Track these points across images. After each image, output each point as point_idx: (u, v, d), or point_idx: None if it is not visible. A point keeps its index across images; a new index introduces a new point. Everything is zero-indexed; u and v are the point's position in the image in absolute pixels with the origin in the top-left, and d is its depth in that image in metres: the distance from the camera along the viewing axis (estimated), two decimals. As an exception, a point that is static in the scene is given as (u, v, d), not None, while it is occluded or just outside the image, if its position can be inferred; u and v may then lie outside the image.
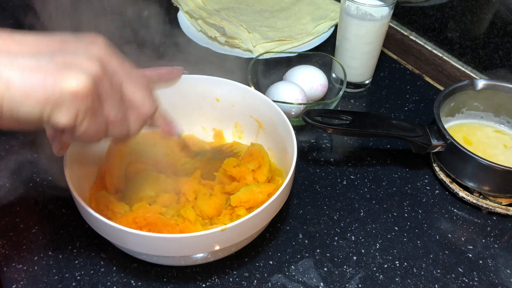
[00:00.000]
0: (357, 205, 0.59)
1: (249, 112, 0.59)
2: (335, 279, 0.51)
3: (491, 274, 0.52)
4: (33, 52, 0.31)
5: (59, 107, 0.30)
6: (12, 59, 0.30)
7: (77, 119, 0.31)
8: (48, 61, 0.31)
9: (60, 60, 0.31)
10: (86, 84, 0.31)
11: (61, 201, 0.56)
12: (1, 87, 0.29)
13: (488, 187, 0.57)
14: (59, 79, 0.30)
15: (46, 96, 0.30)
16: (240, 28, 0.82)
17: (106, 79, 0.33)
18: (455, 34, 0.76)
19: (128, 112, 0.36)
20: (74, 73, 0.30)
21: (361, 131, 0.58)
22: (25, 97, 0.29)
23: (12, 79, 0.29)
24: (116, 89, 0.34)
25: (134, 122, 0.37)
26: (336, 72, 0.75)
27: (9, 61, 0.30)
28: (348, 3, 0.67)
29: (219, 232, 0.41)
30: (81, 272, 0.50)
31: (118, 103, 0.34)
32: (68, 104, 0.30)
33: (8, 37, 0.31)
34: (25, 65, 0.30)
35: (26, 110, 0.30)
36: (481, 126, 0.67)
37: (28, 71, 0.30)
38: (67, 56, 0.31)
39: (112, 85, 0.34)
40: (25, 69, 0.30)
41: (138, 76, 0.37)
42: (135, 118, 0.36)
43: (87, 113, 0.32)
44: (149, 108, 0.37)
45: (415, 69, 0.83)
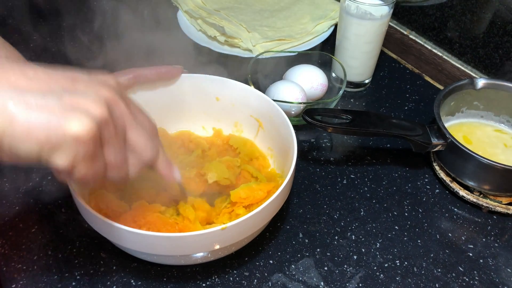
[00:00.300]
0: (357, 204, 0.59)
1: (249, 111, 0.59)
2: (335, 278, 0.50)
3: (492, 273, 0.52)
4: (42, 89, 0.31)
5: (58, 149, 0.30)
6: (20, 95, 0.30)
7: (74, 163, 0.31)
8: (55, 100, 0.30)
9: (67, 100, 0.31)
10: (89, 129, 0.30)
11: (61, 200, 0.56)
12: (5, 122, 0.29)
13: (488, 186, 0.57)
14: (62, 120, 0.30)
15: (47, 136, 0.29)
16: (240, 27, 0.82)
17: (111, 123, 0.32)
18: (455, 33, 0.76)
19: (128, 156, 0.36)
20: (79, 116, 0.30)
21: (361, 130, 0.58)
22: (26, 135, 0.29)
23: (17, 115, 0.29)
24: (119, 134, 0.34)
25: (133, 166, 0.36)
26: (336, 72, 0.75)
27: (16, 97, 0.29)
28: (348, 2, 0.67)
29: (219, 231, 0.41)
30: (80, 271, 0.50)
31: (119, 148, 0.34)
32: (67, 147, 0.30)
33: (19, 72, 0.31)
34: (31, 103, 0.29)
35: (25, 148, 0.30)
36: (481, 125, 0.67)
37: (34, 109, 0.29)
38: (75, 97, 0.31)
39: (116, 129, 0.33)
40: (31, 107, 0.29)
41: (143, 121, 0.37)
42: (135, 162, 0.36)
43: (86, 158, 0.31)
44: (150, 154, 0.37)
45: (415, 68, 0.83)
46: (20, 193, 0.57)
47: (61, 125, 0.29)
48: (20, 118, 0.29)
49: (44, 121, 0.29)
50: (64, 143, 0.30)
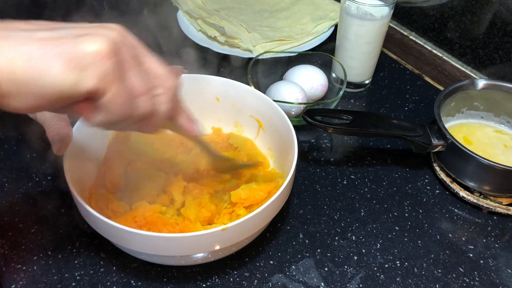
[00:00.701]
0: (357, 205, 0.59)
1: (249, 111, 0.59)
2: (335, 279, 0.50)
3: (492, 274, 0.52)
4: (49, 28, 0.30)
5: (83, 70, 0.29)
6: (29, 33, 0.29)
7: (104, 81, 0.29)
8: (65, 33, 0.30)
9: (77, 31, 0.30)
10: (108, 46, 0.29)
11: (60, 200, 0.55)
12: (22, 59, 0.28)
13: (488, 187, 0.57)
14: (78, 43, 0.29)
15: (68, 61, 0.28)
16: (240, 27, 0.82)
17: (126, 48, 0.31)
18: (455, 34, 0.76)
19: (154, 86, 0.34)
20: (94, 37, 0.29)
21: (361, 130, 0.58)
22: (48, 66, 0.28)
23: (31, 50, 0.28)
24: (137, 60, 0.32)
25: (161, 97, 0.34)
26: (336, 72, 0.75)
27: (25, 35, 0.29)
28: (348, 3, 0.67)
29: (220, 231, 0.41)
30: (80, 272, 0.50)
31: (141, 74, 0.32)
32: (92, 65, 0.29)
33: (21, 21, 0.30)
34: (42, 37, 0.29)
35: (50, 80, 0.28)
36: (481, 126, 0.67)
37: (46, 41, 0.29)
38: (84, 29, 0.30)
39: (133, 55, 0.32)
40: (43, 40, 0.29)
41: (155, 55, 0.35)
42: (162, 93, 0.34)
43: (116, 75, 0.30)
44: (174, 82, 0.35)
45: (415, 69, 0.83)
46: (20, 193, 0.57)
47: (77, 47, 0.29)
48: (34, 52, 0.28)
49: (59, 49, 0.28)
50: (87, 63, 0.29)
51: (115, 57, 0.30)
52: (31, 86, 0.28)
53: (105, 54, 0.29)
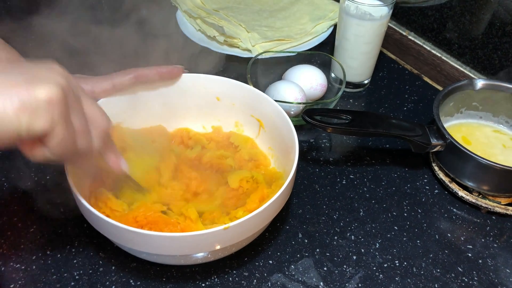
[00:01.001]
0: (356, 205, 0.59)
1: (249, 111, 0.59)
2: (335, 278, 0.50)
3: (491, 274, 0.52)
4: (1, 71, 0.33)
5: (35, 114, 0.31)
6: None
7: (53, 124, 0.32)
8: (16, 76, 0.32)
9: (26, 75, 0.33)
10: (58, 92, 0.32)
11: (59, 200, 0.55)
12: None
13: (487, 187, 0.57)
14: (31, 89, 0.31)
15: (22, 105, 0.31)
16: (239, 27, 0.82)
17: (70, 92, 0.34)
18: (454, 34, 0.76)
19: (89, 126, 0.37)
20: (45, 83, 0.32)
21: (360, 130, 0.58)
22: (2, 109, 0.30)
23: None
24: (78, 102, 0.36)
25: (95, 136, 0.38)
26: (335, 72, 0.75)
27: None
28: (348, 3, 0.67)
29: (221, 231, 0.41)
30: (79, 271, 0.50)
31: (81, 115, 0.36)
32: (44, 110, 0.32)
33: None
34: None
35: (4, 122, 0.31)
36: (480, 126, 0.67)
37: (2, 85, 0.31)
38: (32, 72, 0.33)
39: (75, 98, 0.35)
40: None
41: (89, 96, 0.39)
42: (96, 132, 0.38)
43: (61, 119, 0.33)
44: (107, 123, 0.39)
45: (413, 69, 0.83)
46: (19, 192, 0.57)
47: (32, 93, 0.31)
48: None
49: (14, 93, 0.31)
50: (39, 108, 0.31)
51: (62, 102, 0.33)
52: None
53: (55, 100, 0.32)
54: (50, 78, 0.33)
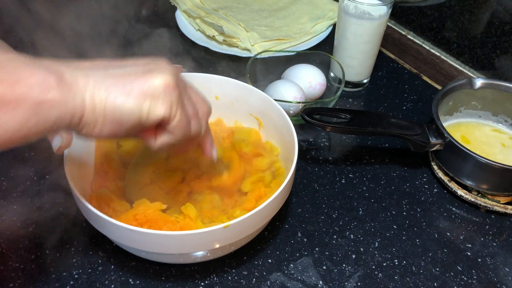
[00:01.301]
0: (355, 204, 0.59)
1: (248, 110, 0.59)
2: (334, 277, 0.50)
3: (490, 272, 0.52)
4: (117, 66, 0.35)
5: (155, 100, 0.34)
6: (102, 70, 0.34)
7: (172, 109, 0.35)
8: (131, 69, 0.35)
9: (140, 68, 0.35)
10: (172, 79, 0.35)
11: (58, 199, 0.55)
12: (103, 93, 0.32)
13: (486, 186, 0.57)
14: (149, 78, 0.34)
15: (142, 93, 0.34)
16: (238, 27, 0.82)
17: (180, 80, 0.37)
18: (453, 33, 0.76)
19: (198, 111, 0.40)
20: (159, 72, 0.35)
21: (360, 129, 0.58)
22: (125, 97, 0.33)
23: (109, 85, 0.33)
24: (186, 89, 0.39)
25: (203, 120, 0.41)
26: (335, 71, 0.75)
27: (102, 73, 0.33)
28: (347, 2, 0.67)
29: (221, 229, 0.41)
30: (78, 270, 0.49)
31: (190, 101, 0.39)
32: (163, 96, 0.34)
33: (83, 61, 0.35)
34: (115, 73, 0.34)
35: (127, 109, 0.33)
36: (479, 125, 0.67)
37: (120, 77, 0.34)
38: (143, 66, 0.36)
39: (183, 85, 0.38)
40: (117, 76, 0.34)
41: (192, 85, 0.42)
42: (202, 115, 0.41)
43: (179, 103, 0.36)
44: (209, 107, 0.42)
45: (413, 68, 0.83)
46: (18, 192, 0.57)
47: (150, 82, 0.34)
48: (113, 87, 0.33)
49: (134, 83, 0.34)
50: (158, 94, 0.34)
51: (177, 88, 0.36)
52: (109, 114, 0.33)
53: (171, 86, 0.35)
54: (162, 69, 0.35)
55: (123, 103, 0.33)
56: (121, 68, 0.35)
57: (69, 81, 0.31)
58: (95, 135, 0.34)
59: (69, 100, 0.31)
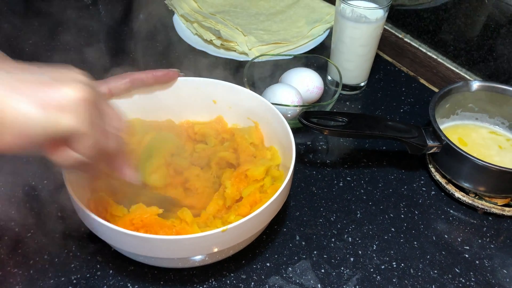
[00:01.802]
0: (353, 207, 0.59)
1: (246, 114, 0.59)
2: (332, 280, 0.50)
3: (488, 274, 0.52)
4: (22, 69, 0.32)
5: (63, 112, 0.31)
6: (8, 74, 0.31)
7: (83, 123, 0.32)
8: (40, 76, 0.32)
9: (51, 75, 0.33)
10: (85, 91, 0.32)
11: (57, 204, 0.55)
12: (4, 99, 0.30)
13: (483, 188, 0.58)
14: (59, 87, 0.31)
15: (52, 103, 0.31)
16: (236, 31, 0.83)
17: (92, 91, 0.34)
18: (449, 36, 0.76)
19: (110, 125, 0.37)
20: (71, 82, 0.32)
21: (357, 132, 0.58)
22: (32, 106, 0.30)
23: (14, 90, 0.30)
24: (98, 102, 0.36)
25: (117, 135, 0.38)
26: (332, 75, 0.76)
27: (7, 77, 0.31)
28: (343, 6, 0.68)
29: (219, 233, 0.41)
30: (77, 275, 0.49)
31: (102, 114, 0.36)
32: (71, 108, 0.32)
33: None
34: (23, 79, 0.31)
35: (32, 119, 0.30)
36: (476, 127, 0.67)
37: (29, 83, 0.31)
38: (56, 73, 0.33)
39: (96, 97, 0.35)
40: (25, 82, 0.31)
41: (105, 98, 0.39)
42: (117, 131, 0.38)
43: (88, 117, 0.33)
44: (123, 120, 0.39)
45: (410, 71, 0.83)
46: (16, 197, 0.57)
47: (59, 92, 0.31)
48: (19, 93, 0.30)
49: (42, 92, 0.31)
50: (67, 106, 0.31)
51: (90, 101, 0.33)
52: (14, 125, 0.30)
53: (84, 99, 0.32)
54: (75, 78, 0.33)
55: (28, 112, 0.30)
56: (31, 74, 0.32)
57: None
58: (1, 147, 0.31)
59: None
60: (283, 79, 0.71)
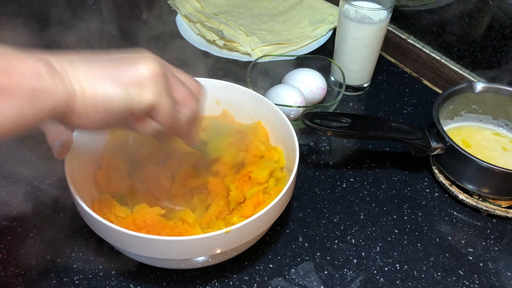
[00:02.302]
0: (357, 208, 0.59)
1: (249, 114, 0.59)
2: (335, 282, 0.50)
3: (492, 277, 0.52)
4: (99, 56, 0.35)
5: (143, 88, 0.35)
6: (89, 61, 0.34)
7: (160, 96, 0.35)
8: (117, 59, 0.35)
9: (126, 58, 0.36)
10: (158, 67, 0.36)
11: (59, 205, 0.55)
12: (91, 83, 0.33)
13: (487, 190, 0.57)
14: (135, 67, 0.35)
15: (130, 81, 0.34)
16: (239, 31, 0.82)
17: (166, 67, 0.37)
18: (453, 37, 0.76)
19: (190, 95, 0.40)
20: (144, 61, 0.35)
21: (360, 133, 0.58)
22: (114, 86, 0.33)
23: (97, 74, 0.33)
24: (174, 75, 0.39)
25: (196, 102, 0.41)
26: (335, 76, 0.75)
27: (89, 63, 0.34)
28: (347, 7, 0.67)
29: (222, 234, 0.41)
30: (79, 276, 0.49)
31: (182, 84, 0.39)
32: (149, 83, 0.35)
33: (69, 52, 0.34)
34: (102, 63, 0.34)
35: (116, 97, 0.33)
36: (480, 129, 0.67)
37: (107, 66, 0.34)
38: (129, 55, 0.36)
39: (170, 71, 0.39)
40: (104, 66, 0.34)
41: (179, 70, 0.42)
42: (197, 94, 0.41)
43: (165, 90, 0.36)
44: (201, 88, 0.43)
45: (413, 72, 0.83)
46: (19, 197, 0.57)
47: (136, 70, 0.35)
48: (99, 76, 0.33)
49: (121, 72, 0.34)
50: (145, 82, 0.35)
51: (164, 75, 0.36)
52: (102, 104, 0.33)
53: (158, 74, 0.35)
54: (147, 57, 0.36)
55: (112, 92, 0.33)
56: (107, 59, 0.35)
57: (59, 71, 0.32)
58: (88, 125, 0.34)
59: (61, 89, 0.31)
60: (286, 80, 0.71)
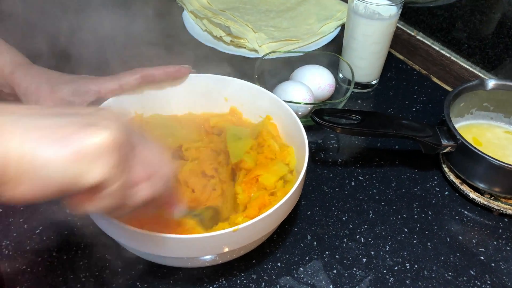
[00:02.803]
0: (365, 207, 0.58)
1: (257, 111, 0.58)
2: (344, 281, 0.50)
3: (504, 277, 0.51)
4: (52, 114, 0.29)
5: (93, 160, 0.28)
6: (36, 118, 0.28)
7: (112, 173, 0.29)
8: (71, 120, 0.29)
9: (82, 119, 0.29)
10: (117, 137, 0.29)
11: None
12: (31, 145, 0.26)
13: (499, 188, 0.56)
14: (86, 135, 0.28)
15: (79, 150, 0.27)
16: (246, 27, 0.82)
17: (127, 138, 0.30)
18: (463, 34, 0.75)
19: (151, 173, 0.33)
20: (102, 127, 0.29)
21: (370, 130, 0.57)
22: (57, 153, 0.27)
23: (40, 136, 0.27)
24: (135, 149, 0.32)
25: (157, 183, 0.34)
26: (343, 72, 0.74)
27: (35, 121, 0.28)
28: (356, 2, 0.66)
29: (230, 233, 0.40)
30: (85, 273, 0.49)
31: (144, 161, 0.33)
32: (102, 156, 0.28)
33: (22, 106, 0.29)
34: (50, 123, 0.28)
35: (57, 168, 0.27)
36: (491, 127, 0.66)
37: (56, 128, 0.28)
38: (87, 116, 0.30)
39: (132, 144, 0.32)
40: (52, 127, 0.28)
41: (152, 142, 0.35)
42: (158, 179, 0.34)
43: (119, 167, 0.29)
44: (170, 169, 0.35)
45: (422, 69, 0.82)
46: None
47: (90, 139, 0.28)
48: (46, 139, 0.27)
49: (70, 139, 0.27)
50: (97, 155, 0.28)
51: (120, 149, 0.29)
52: (38, 173, 0.27)
53: (116, 145, 0.29)
54: (108, 123, 0.29)
55: (53, 160, 0.27)
56: (60, 117, 0.29)
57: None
58: (17, 197, 0.27)
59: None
60: (294, 77, 0.70)
